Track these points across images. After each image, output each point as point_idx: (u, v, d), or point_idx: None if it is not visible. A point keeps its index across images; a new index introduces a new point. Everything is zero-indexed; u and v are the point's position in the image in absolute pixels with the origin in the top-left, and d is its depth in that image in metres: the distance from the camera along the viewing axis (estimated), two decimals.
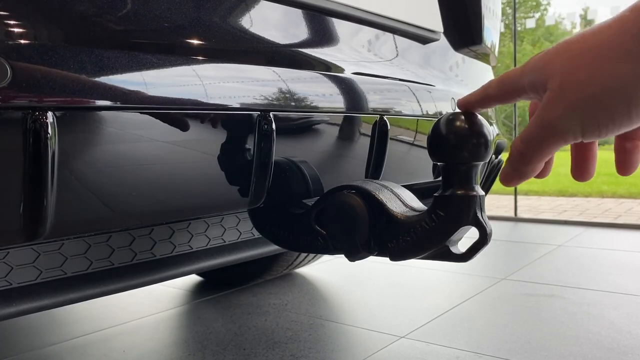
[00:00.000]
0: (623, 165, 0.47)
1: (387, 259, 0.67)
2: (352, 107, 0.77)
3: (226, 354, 1.11)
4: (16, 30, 0.45)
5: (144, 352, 1.14)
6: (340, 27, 0.80)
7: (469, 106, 0.53)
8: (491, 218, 2.98)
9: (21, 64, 0.44)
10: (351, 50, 0.82)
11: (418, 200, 0.69)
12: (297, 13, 0.74)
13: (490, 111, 1.19)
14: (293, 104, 0.68)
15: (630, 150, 0.46)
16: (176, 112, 0.56)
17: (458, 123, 0.57)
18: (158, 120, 0.55)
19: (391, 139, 0.84)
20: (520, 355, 1.07)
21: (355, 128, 0.80)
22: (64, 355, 1.14)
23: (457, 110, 0.56)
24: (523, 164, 0.44)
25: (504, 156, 1.28)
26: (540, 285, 1.59)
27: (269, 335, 1.21)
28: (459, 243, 0.63)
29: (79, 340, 1.22)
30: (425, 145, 0.61)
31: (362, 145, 0.82)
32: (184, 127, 0.58)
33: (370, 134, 0.81)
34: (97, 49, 0.50)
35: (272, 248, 1.01)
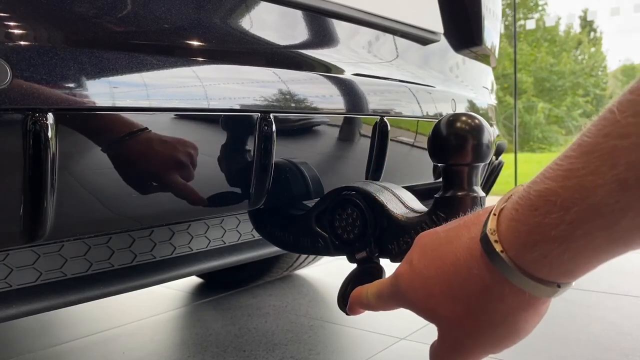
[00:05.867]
0: None
1: (387, 261, 0.67)
2: (352, 109, 0.77)
3: (226, 356, 1.10)
4: (16, 31, 0.45)
5: (143, 354, 1.14)
6: (341, 28, 0.80)
7: (356, 311, 0.57)
8: None
9: (21, 65, 0.44)
10: (351, 51, 0.82)
11: (419, 202, 0.69)
12: (297, 14, 0.74)
13: (490, 112, 1.19)
14: (293, 105, 0.67)
15: None
16: (176, 114, 0.56)
17: (458, 124, 0.57)
18: (158, 122, 0.55)
19: (391, 140, 0.84)
20: (521, 356, 1.06)
21: (356, 129, 0.80)
22: (64, 357, 1.14)
23: (455, 112, 0.57)
24: None
25: (505, 157, 1.27)
26: None
27: (269, 337, 1.21)
28: None
29: (78, 342, 1.22)
30: (426, 146, 0.61)
31: (363, 146, 0.82)
32: (184, 129, 0.58)
33: (370, 135, 0.81)
34: (97, 50, 0.50)
35: (272, 249, 1.01)
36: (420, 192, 0.79)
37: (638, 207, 0.30)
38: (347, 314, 0.61)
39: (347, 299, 0.60)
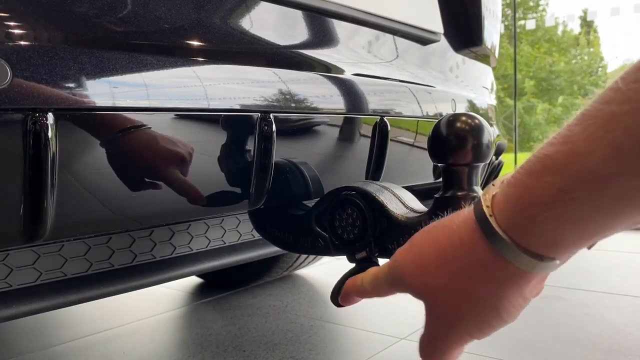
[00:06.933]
0: None
1: (388, 261, 0.67)
2: (352, 108, 0.77)
3: (226, 356, 1.10)
4: (16, 31, 0.45)
5: (143, 354, 1.14)
6: (341, 28, 0.80)
7: (351, 300, 0.55)
8: None
9: (21, 65, 0.44)
10: (351, 51, 0.82)
11: (418, 202, 0.69)
12: (298, 14, 0.74)
13: (490, 112, 1.19)
14: (293, 105, 0.67)
15: None
16: (176, 114, 0.56)
17: (458, 124, 0.57)
18: (158, 122, 0.55)
19: (391, 140, 0.84)
20: (521, 356, 1.06)
21: (356, 129, 0.80)
22: (64, 356, 1.14)
23: (455, 112, 0.56)
24: None
25: (505, 157, 1.27)
26: None
27: (269, 337, 1.21)
28: None
29: (78, 342, 1.22)
30: (426, 146, 0.61)
31: (363, 146, 0.82)
32: (184, 129, 0.58)
33: (370, 135, 0.81)
34: (97, 50, 0.50)
35: (272, 249, 1.01)
36: (420, 192, 0.79)
37: (629, 172, 0.29)
38: (338, 306, 0.59)
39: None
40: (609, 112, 0.30)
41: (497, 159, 1.17)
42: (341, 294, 0.56)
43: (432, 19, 0.97)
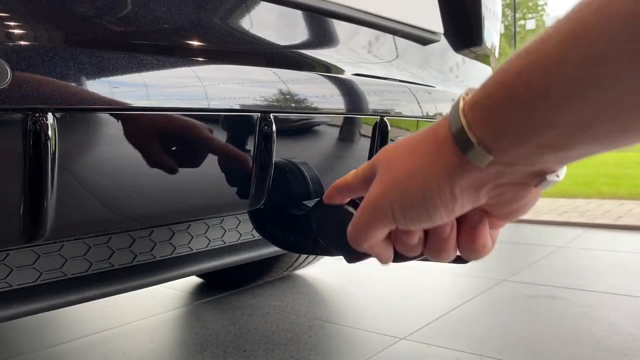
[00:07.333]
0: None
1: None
2: (352, 108, 0.77)
3: (226, 356, 1.10)
4: (16, 31, 0.45)
5: (143, 354, 1.14)
6: (341, 28, 0.80)
7: (333, 198, 0.54)
8: None
9: (21, 65, 0.44)
10: (351, 51, 0.82)
11: None
12: (298, 14, 0.74)
13: None
14: (293, 105, 0.67)
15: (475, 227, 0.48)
16: (176, 114, 0.56)
17: None
18: (158, 122, 0.55)
19: (391, 140, 0.84)
20: (521, 356, 1.06)
21: (356, 129, 0.80)
22: (64, 356, 1.14)
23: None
24: (357, 243, 0.48)
25: None
26: (541, 287, 1.59)
27: (269, 337, 1.21)
28: None
29: (78, 342, 1.22)
30: None
31: (363, 146, 0.82)
32: (185, 129, 0.58)
33: (370, 135, 0.81)
34: (97, 50, 0.50)
35: (272, 250, 1.01)
36: None
37: (578, 58, 0.31)
38: (320, 218, 0.57)
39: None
40: (578, 9, 0.32)
41: None
42: (325, 193, 0.55)
43: (432, 19, 0.97)
